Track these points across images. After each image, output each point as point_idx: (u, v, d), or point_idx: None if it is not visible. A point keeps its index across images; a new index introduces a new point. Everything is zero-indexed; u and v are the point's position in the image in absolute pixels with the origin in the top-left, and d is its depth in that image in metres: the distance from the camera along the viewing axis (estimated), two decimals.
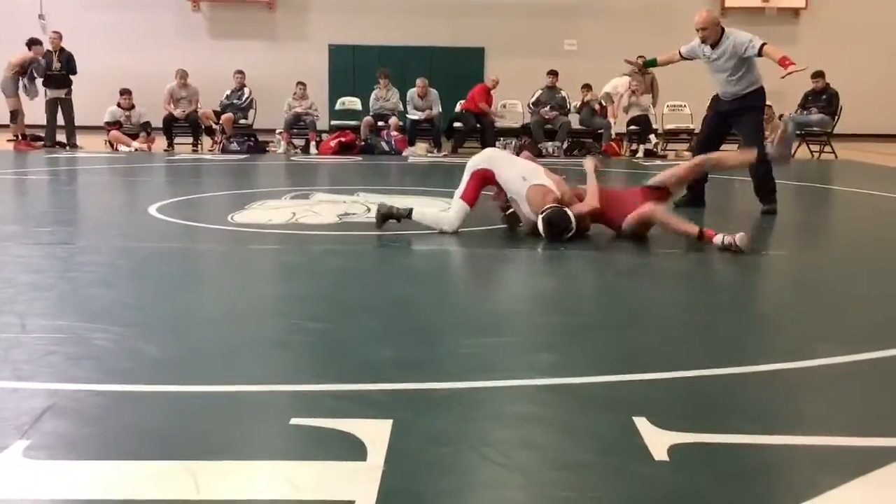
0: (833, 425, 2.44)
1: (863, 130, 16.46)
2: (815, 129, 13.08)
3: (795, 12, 17.66)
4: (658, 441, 2.24)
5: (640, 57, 8.72)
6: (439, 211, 5.83)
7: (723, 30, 6.58)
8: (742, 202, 7.27)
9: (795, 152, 13.10)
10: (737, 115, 6.65)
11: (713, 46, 6.53)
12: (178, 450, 2.19)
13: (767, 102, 14.09)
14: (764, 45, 6.40)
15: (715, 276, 4.80)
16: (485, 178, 5.52)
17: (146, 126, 12.84)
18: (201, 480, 2.01)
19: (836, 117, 12.96)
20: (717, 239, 4.96)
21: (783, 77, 6.27)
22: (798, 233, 6.33)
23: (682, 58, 7.04)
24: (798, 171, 11.06)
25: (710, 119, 6.99)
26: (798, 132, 13.09)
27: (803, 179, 10.03)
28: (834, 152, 13.00)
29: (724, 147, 6.97)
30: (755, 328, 3.64)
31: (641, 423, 2.35)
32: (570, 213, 5.19)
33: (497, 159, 5.64)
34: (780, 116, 13.22)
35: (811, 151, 13.28)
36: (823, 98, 12.92)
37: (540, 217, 5.19)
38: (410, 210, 5.51)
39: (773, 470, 2.15)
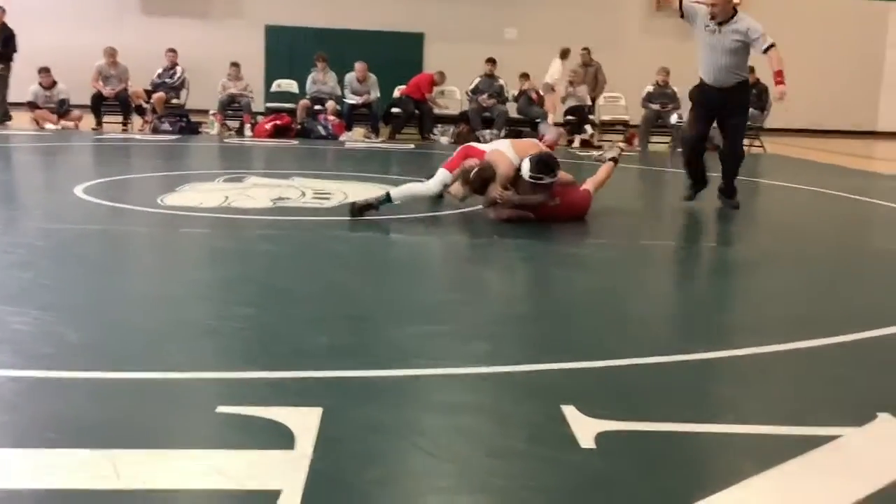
0: (755, 414, 2.51)
1: (792, 125, 16.94)
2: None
3: None
4: (585, 429, 2.27)
5: None
6: (414, 184, 5.94)
7: (735, 11, 6.25)
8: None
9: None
10: (728, 112, 6.28)
11: (720, 25, 6.12)
12: (98, 438, 2.13)
13: None
14: (773, 45, 6.22)
15: (645, 266, 4.88)
16: (469, 152, 5.76)
17: (63, 104, 12.42)
18: (123, 470, 1.96)
19: (766, 112, 13.28)
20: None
21: (775, 99, 6.31)
22: (725, 225, 6.47)
23: (681, 12, 6.43)
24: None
25: (701, 116, 6.45)
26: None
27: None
28: (763, 146, 13.33)
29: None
30: (682, 318, 3.72)
31: (570, 412, 2.37)
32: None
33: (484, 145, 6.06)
34: None
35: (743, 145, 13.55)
36: (754, 93, 13.20)
37: (527, 159, 5.36)
38: (387, 195, 5.56)
39: (696, 457, 2.20)
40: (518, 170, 5.41)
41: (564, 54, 14.06)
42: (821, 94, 17.91)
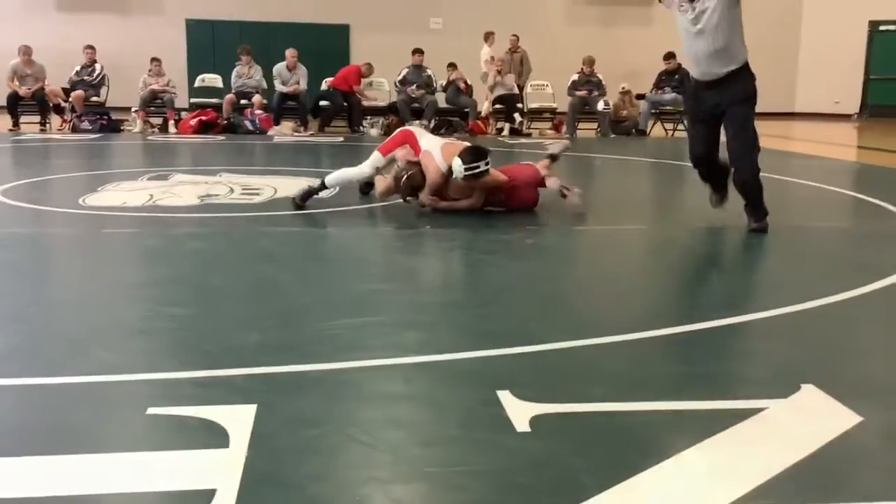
0: (683, 390, 2.56)
1: None
2: (668, 107, 13.66)
3: None
4: (520, 413, 2.29)
5: None
6: (346, 169, 5.94)
7: None
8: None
9: (651, 130, 13.69)
10: (726, 108, 5.01)
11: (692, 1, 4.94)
12: (24, 445, 2.07)
13: (624, 85, 14.59)
14: None
15: (573, 251, 4.95)
16: (406, 138, 5.74)
17: None
18: (49, 476, 1.91)
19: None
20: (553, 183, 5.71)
21: None
22: (652, 207, 6.60)
23: None
24: (652, 149, 11.56)
25: (699, 133, 5.25)
26: (652, 111, 13.66)
27: (657, 157, 10.48)
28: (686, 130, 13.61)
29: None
30: (611, 300, 3.78)
31: (504, 396, 2.40)
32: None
33: (421, 130, 6.03)
34: (638, 97, 13.76)
35: (665, 129, 13.86)
36: (676, 78, 13.49)
37: (456, 156, 5.35)
38: (322, 182, 5.64)
39: (629, 434, 2.24)
40: (447, 174, 5.40)
41: (487, 37, 14.16)
42: None
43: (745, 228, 5.16)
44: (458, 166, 5.28)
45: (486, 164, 5.34)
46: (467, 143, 5.66)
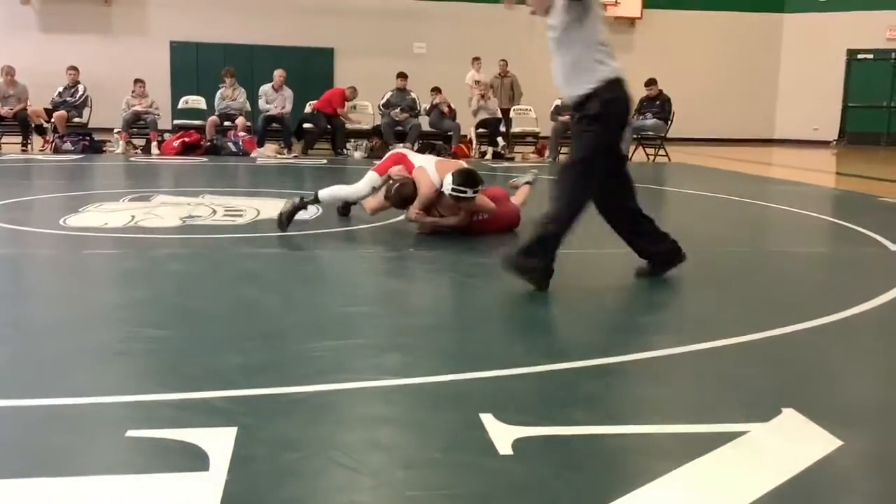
0: (665, 414, 2.57)
1: (693, 135, 17.52)
2: (649, 133, 13.78)
3: (631, 21, 18.58)
4: (503, 436, 2.29)
5: None
6: (342, 186, 5.98)
7: None
8: None
9: (632, 156, 13.79)
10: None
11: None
12: (5, 467, 2.04)
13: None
14: None
15: (556, 274, 4.95)
16: (399, 159, 5.78)
17: None
18: (27, 499, 1.88)
19: (669, 122, 13.71)
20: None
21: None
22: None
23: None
24: (634, 174, 11.61)
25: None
26: (634, 136, 13.78)
27: (639, 181, 10.53)
28: (667, 155, 13.74)
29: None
30: (593, 323, 3.79)
31: (487, 419, 2.39)
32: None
33: (413, 153, 6.16)
34: None
35: (647, 154, 13.98)
36: (657, 104, 13.63)
37: (450, 174, 5.38)
38: (315, 195, 5.66)
39: (611, 458, 2.24)
40: (439, 191, 5.43)
41: (473, 62, 14.32)
42: (720, 106, 18.60)
43: (728, 252, 5.19)
44: (447, 183, 5.34)
45: (475, 191, 5.38)
46: (463, 164, 5.72)
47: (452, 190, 5.32)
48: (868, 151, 17.14)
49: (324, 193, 5.69)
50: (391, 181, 5.56)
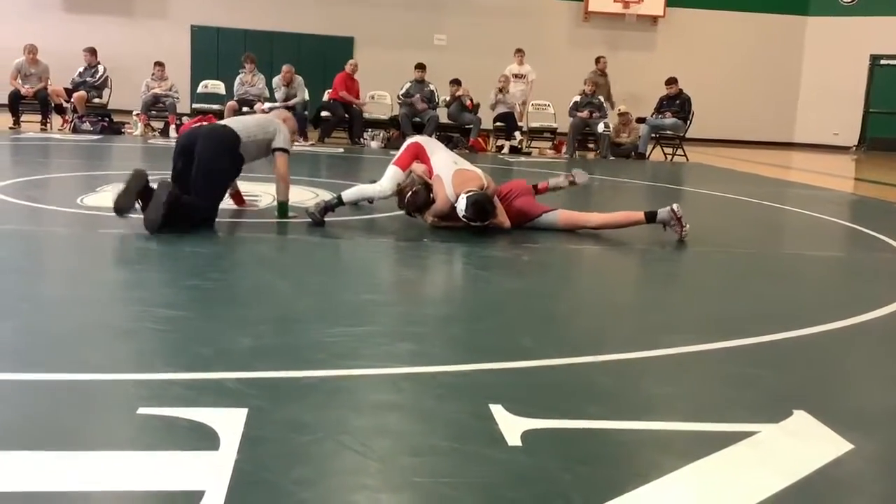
0: (675, 411, 2.56)
1: (712, 135, 17.43)
2: (668, 132, 13.71)
3: (654, 20, 18.48)
4: (512, 427, 2.29)
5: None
6: (365, 186, 5.85)
7: None
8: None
9: (650, 154, 13.74)
10: None
11: None
12: (11, 440, 2.06)
13: (622, 107, 14.65)
14: None
15: (568, 268, 4.96)
16: (417, 152, 5.67)
17: None
18: (37, 472, 1.90)
19: (689, 122, 13.64)
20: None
21: None
22: (649, 229, 6.60)
23: None
24: (652, 172, 11.59)
25: None
26: (652, 135, 13.73)
27: (657, 180, 10.51)
28: (685, 155, 13.67)
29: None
30: (606, 319, 3.78)
31: (497, 410, 2.39)
32: (493, 200, 5.36)
33: (432, 142, 5.98)
34: (638, 120, 13.82)
35: (664, 154, 13.91)
36: (677, 103, 13.56)
37: (465, 196, 5.25)
38: (339, 197, 5.51)
39: (619, 453, 2.24)
40: (454, 204, 5.38)
41: (516, 54, 14.27)
42: (741, 107, 18.49)
43: (744, 253, 5.17)
44: (460, 206, 5.27)
45: (484, 223, 5.32)
46: (478, 172, 5.54)
47: (464, 217, 5.28)
48: (889, 158, 16.99)
49: (347, 194, 5.57)
50: (408, 184, 5.45)
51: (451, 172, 5.46)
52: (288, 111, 6.09)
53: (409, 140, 5.92)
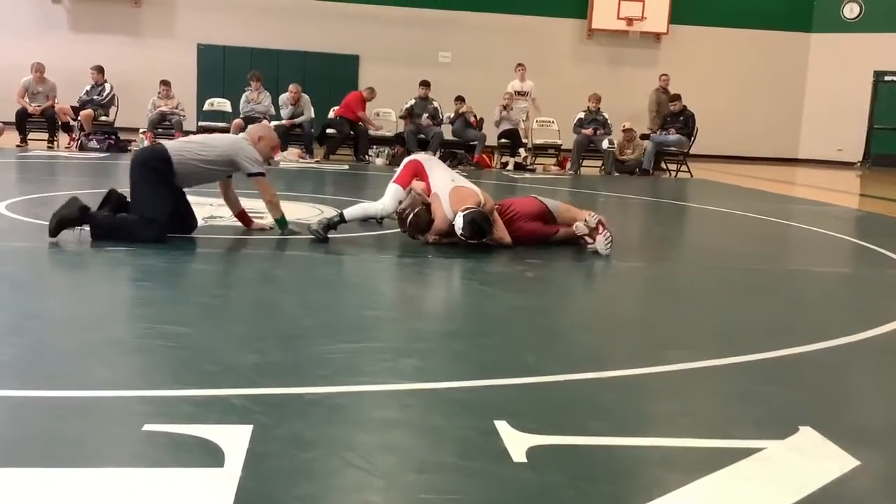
0: (680, 428, 2.56)
1: (716, 151, 17.44)
2: (672, 148, 13.73)
3: (657, 37, 18.53)
4: (517, 443, 2.28)
5: None
6: (367, 204, 5.90)
7: None
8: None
9: (654, 170, 13.75)
10: None
11: None
12: (21, 457, 2.07)
13: (626, 123, 14.68)
14: None
15: (575, 285, 4.96)
16: (416, 169, 5.71)
17: None
18: (43, 488, 1.90)
19: (693, 138, 13.66)
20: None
21: None
22: (654, 245, 6.62)
23: None
24: (656, 188, 11.59)
25: None
26: (656, 151, 13.75)
27: (661, 196, 10.52)
28: (689, 171, 13.68)
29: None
30: (611, 335, 3.78)
31: (502, 427, 2.39)
32: (490, 218, 5.35)
33: (431, 159, 6.02)
34: (643, 136, 13.85)
35: (668, 170, 13.92)
36: (681, 119, 13.59)
37: (461, 214, 5.25)
38: (341, 215, 5.52)
39: (624, 470, 2.23)
40: (452, 222, 5.38)
41: (517, 69, 14.28)
42: (745, 123, 18.51)
43: (750, 269, 5.16)
44: (458, 225, 5.28)
45: (481, 242, 5.35)
46: (476, 190, 5.52)
47: (461, 235, 5.30)
48: (893, 174, 16.98)
49: (350, 212, 5.58)
50: (406, 207, 5.46)
51: (448, 190, 5.47)
52: (266, 128, 6.07)
53: (409, 158, 5.98)
